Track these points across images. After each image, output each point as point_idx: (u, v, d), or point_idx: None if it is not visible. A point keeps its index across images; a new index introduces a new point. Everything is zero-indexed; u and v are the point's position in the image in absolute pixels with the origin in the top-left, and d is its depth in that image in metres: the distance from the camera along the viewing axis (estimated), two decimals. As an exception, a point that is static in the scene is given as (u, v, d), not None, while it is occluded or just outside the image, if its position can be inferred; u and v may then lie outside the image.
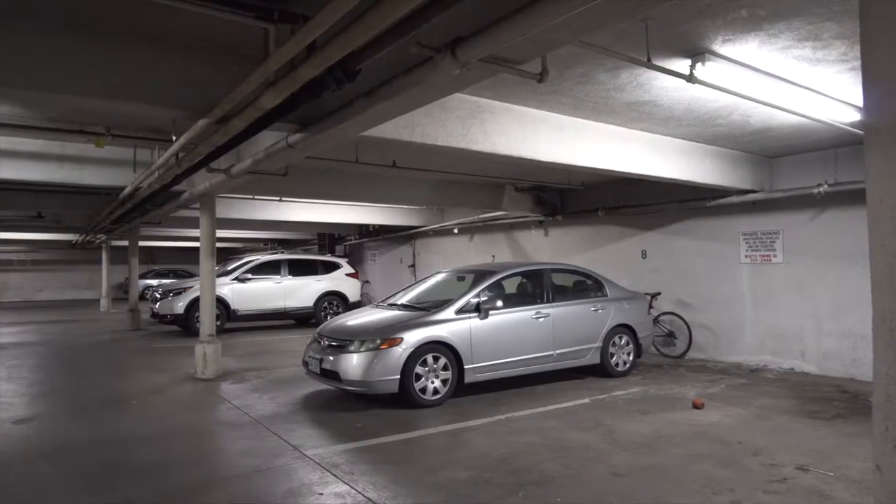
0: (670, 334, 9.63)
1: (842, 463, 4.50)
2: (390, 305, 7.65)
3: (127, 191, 8.62)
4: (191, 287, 12.81)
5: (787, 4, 3.67)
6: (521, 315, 7.18)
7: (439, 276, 8.44)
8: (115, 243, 20.84)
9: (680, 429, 5.46)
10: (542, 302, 7.44)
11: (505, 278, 7.50)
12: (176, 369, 8.74)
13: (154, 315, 13.56)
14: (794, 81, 4.99)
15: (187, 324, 12.64)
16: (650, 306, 9.11)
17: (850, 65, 4.66)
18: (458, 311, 6.72)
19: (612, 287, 8.27)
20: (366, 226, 18.05)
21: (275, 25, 3.46)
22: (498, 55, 3.29)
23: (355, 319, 7.16)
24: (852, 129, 5.99)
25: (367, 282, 18.88)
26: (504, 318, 7.01)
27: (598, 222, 11.14)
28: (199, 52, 4.24)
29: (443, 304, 6.89)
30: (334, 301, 14.71)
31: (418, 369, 6.26)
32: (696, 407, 6.20)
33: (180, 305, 12.77)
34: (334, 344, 6.51)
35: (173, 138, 5.74)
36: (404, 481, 4.23)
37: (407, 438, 5.28)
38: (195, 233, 10.97)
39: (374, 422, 5.80)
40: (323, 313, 14.17)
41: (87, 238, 19.06)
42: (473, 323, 6.70)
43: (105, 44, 3.94)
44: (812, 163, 8.09)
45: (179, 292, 13.05)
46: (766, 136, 7.14)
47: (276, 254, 17.01)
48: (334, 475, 4.33)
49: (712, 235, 9.42)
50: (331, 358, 6.36)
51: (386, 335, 6.29)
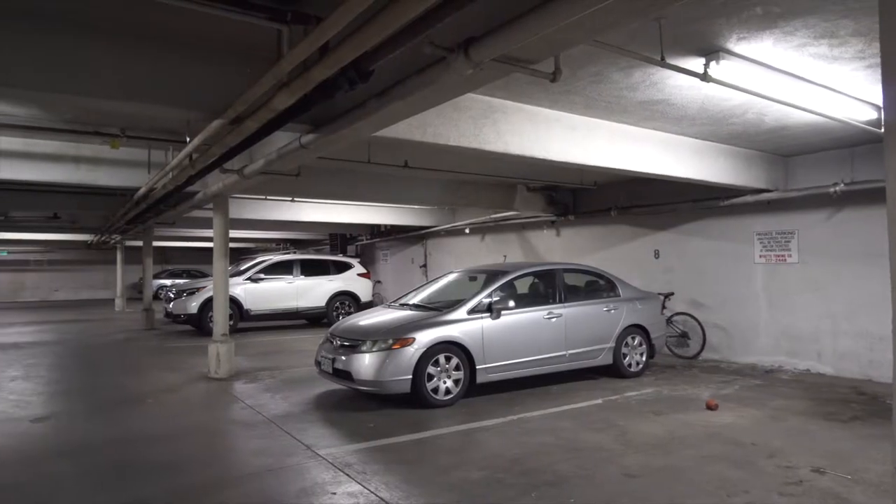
0: (683, 335, 9.57)
1: (859, 465, 4.44)
2: (402, 305, 7.66)
3: (141, 191, 8.70)
4: (204, 287, 12.91)
5: (802, 2, 3.64)
6: (534, 315, 7.17)
7: (451, 277, 8.44)
8: (129, 243, 21.03)
9: (693, 430, 5.42)
10: (554, 302, 7.41)
11: (517, 278, 7.48)
12: (189, 368, 8.81)
13: (168, 315, 13.68)
14: (810, 79, 4.94)
15: (200, 323, 12.73)
16: (663, 306, 9.04)
17: (868, 62, 4.60)
18: (470, 312, 6.72)
19: (625, 287, 8.23)
20: (377, 226, 18.08)
21: (288, 26, 3.48)
22: (511, 55, 3.28)
23: (367, 319, 7.18)
24: (869, 128, 5.92)
25: (379, 282, 18.92)
26: (516, 318, 6.99)
27: (610, 222, 11.09)
28: (213, 54, 4.27)
29: (455, 305, 6.89)
30: (346, 301, 14.75)
31: (430, 369, 6.26)
32: (709, 408, 6.15)
33: (194, 305, 12.87)
34: (347, 344, 6.53)
35: (187, 139, 5.78)
36: (417, 481, 4.23)
37: (419, 438, 5.28)
38: (208, 233, 11.06)
39: (386, 421, 5.81)
40: (335, 313, 14.22)
41: (102, 238, 19.25)
42: (485, 323, 6.69)
43: (121, 46, 3.98)
44: (828, 162, 7.99)
45: (193, 292, 13.14)
46: (781, 134, 7.07)
47: (289, 254, 17.10)
48: (347, 475, 4.34)
49: (726, 235, 9.34)
50: (343, 358, 6.38)
51: (398, 335, 6.30)
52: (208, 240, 19.02)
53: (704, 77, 4.41)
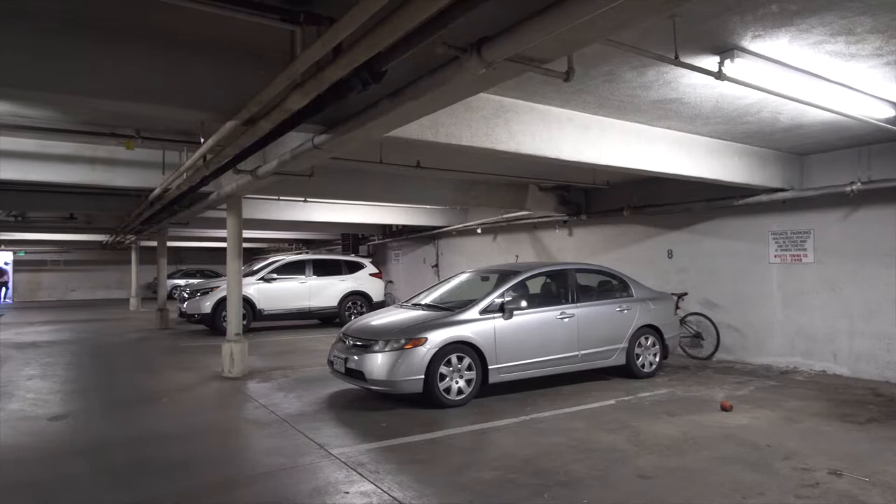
0: (697, 335, 9.50)
1: (877, 468, 4.38)
2: (414, 305, 7.67)
3: (156, 192, 8.78)
4: (218, 287, 13.00)
5: (819, -1, 3.60)
6: (546, 315, 7.14)
7: (463, 277, 8.44)
8: (144, 244, 21.23)
9: (708, 431, 5.38)
10: (566, 302, 7.39)
11: (529, 278, 7.46)
12: (203, 368, 8.87)
13: (182, 314, 13.80)
14: (827, 77, 4.88)
15: (214, 323, 12.83)
16: (677, 307, 8.98)
17: (886, 59, 4.55)
18: (483, 312, 6.71)
19: (638, 287, 8.18)
20: (389, 226, 18.12)
21: (301, 27, 3.50)
22: (524, 54, 3.27)
23: (380, 319, 7.19)
24: (887, 126, 5.85)
25: (391, 282, 18.96)
26: (528, 318, 6.97)
27: (623, 222, 11.03)
28: (227, 56, 4.30)
29: (467, 305, 6.88)
30: (358, 301, 14.79)
31: (443, 369, 6.26)
32: (724, 409, 6.10)
33: (207, 305, 12.96)
34: (359, 343, 6.54)
35: (201, 140, 5.83)
36: (430, 481, 4.23)
37: (432, 438, 5.29)
38: (222, 233, 11.15)
39: (398, 421, 5.82)
40: (347, 313, 14.26)
41: (117, 239, 19.45)
42: (498, 323, 6.68)
43: (136, 48, 4.01)
44: (844, 160, 7.90)
45: (206, 292, 13.24)
46: (796, 133, 7.00)
47: (301, 254, 17.17)
48: (360, 474, 4.35)
49: (740, 235, 9.26)
50: (356, 357, 6.40)
51: (410, 335, 6.30)
52: (222, 240, 19.21)
53: (719, 75, 4.38)
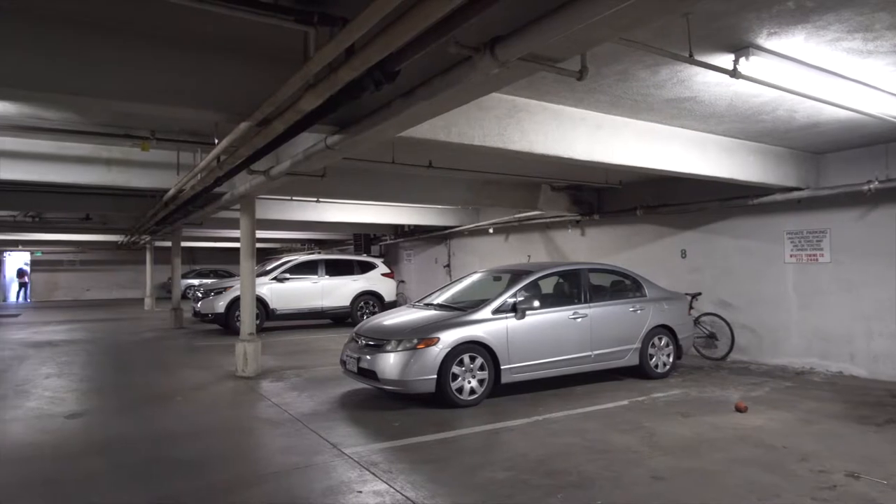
0: (711, 335, 9.42)
1: (895, 471, 4.33)
2: (426, 305, 7.68)
3: (170, 193, 8.85)
4: (231, 287, 13.08)
5: (836, -5, 3.56)
6: (559, 315, 7.12)
7: (475, 276, 8.43)
8: (158, 244, 21.44)
9: (723, 432, 5.34)
10: (579, 302, 7.36)
11: (541, 278, 7.44)
12: (217, 367, 8.94)
13: (196, 314, 13.91)
14: (843, 75, 4.82)
15: (228, 322, 12.92)
16: (690, 307, 8.92)
17: (904, 56, 4.49)
18: (495, 311, 6.70)
19: (651, 287, 8.13)
20: (401, 226, 18.15)
21: (315, 28, 3.51)
22: (537, 53, 3.27)
23: (392, 319, 7.20)
24: (905, 124, 5.77)
25: (403, 282, 18.99)
26: (541, 318, 6.95)
27: (636, 221, 10.96)
28: (241, 57, 4.32)
29: (479, 304, 6.88)
30: (370, 301, 14.83)
31: (455, 369, 6.26)
32: (739, 410, 6.05)
33: (221, 304, 13.06)
34: (371, 343, 6.56)
35: (215, 141, 5.87)
36: (442, 480, 4.23)
37: (444, 438, 5.29)
38: (235, 234, 11.20)
39: (411, 421, 5.83)
40: (359, 313, 14.31)
41: (132, 239, 19.65)
42: (510, 323, 6.67)
43: (151, 50, 4.04)
44: (861, 158, 7.80)
45: (220, 292, 13.34)
46: (812, 131, 6.92)
47: (314, 254, 17.24)
48: (373, 473, 4.36)
49: (755, 234, 9.18)
50: (368, 357, 6.42)
51: (423, 335, 6.31)
52: (235, 240, 19.35)
53: (734, 73, 4.34)
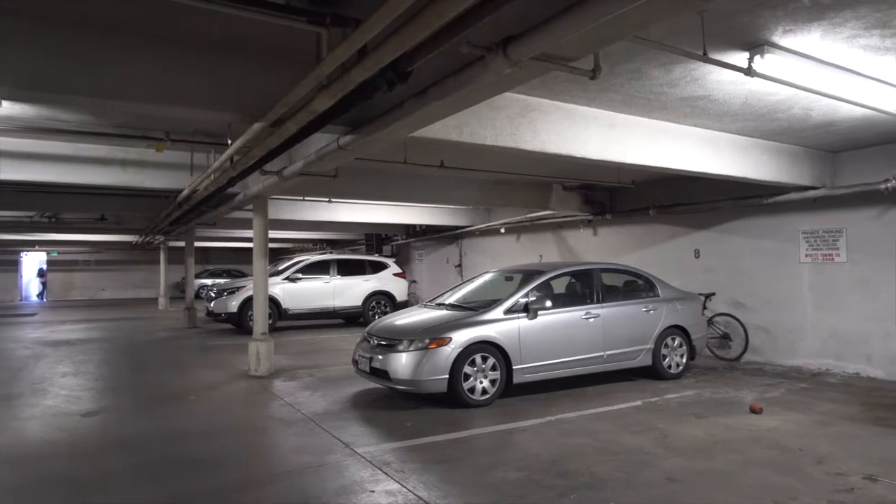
0: (725, 336, 9.34)
1: (914, 473, 4.28)
2: (438, 305, 7.68)
3: (184, 193, 8.92)
4: (244, 286, 13.17)
5: (853, -9, 3.52)
6: (571, 315, 7.10)
7: (487, 276, 8.42)
8: (172, 244, 21.63)
9: (737, 434, 5.29)
10: (591, 302, 7.33)
11: (553, 278, 7.42)
12: (230, 366, 9.00)
13: (209, 313, 14.01)
14: (860, 72, 4.76)
15: (240, 322, 13.00)
16: (704, 307, 8.86)
17: (923, 53, 4.42)
18: (507, 312, 6.69)
19: (664, 287, 8.08)
20: (413, 226, 18.18)
21: (327, 29, 3.52)
22: (549, 53, 3.26)
23: (404, 319, 7.21)
24: (924, 122, 5.69)
25: (415, 281, 19.01)
26: (553, 318, 6.93)
27: (649, 221, 10.90)
28: (254, 58, 4.34)
29: (491, 304, 6.87)
30: (382, 300, 14.86)
31: (467, 369, 6.26)
32: (753, 411, 5.99)
33: (234, 304, 13.14)
34: (383, 343, 6.57)
35: (229, 142, 5.91)
36: (455, 480, 4.23)
37: (456, 438, 5.29)
38: (248, 234, 11.30)
39: (423, 420, 5.83)
40: (371, 313, 14.35)
41: (146, 239, 19.84)
42: (522, 323, 6.66)
43: (166, 52, 4.08)
44: (878, 157, 7.70)
45: (233, 291, 13.43)
46: (828, 130, 6.84)
47: (325, 254, 17.31)
48: (385, 473, 4.37)
49: (770, 234, 9.09)
50: (380, 357, 6.43)
51: (434, 335, 6.31)
52: (248, 240, 19.46)
53: (748, 72, 4.30)
